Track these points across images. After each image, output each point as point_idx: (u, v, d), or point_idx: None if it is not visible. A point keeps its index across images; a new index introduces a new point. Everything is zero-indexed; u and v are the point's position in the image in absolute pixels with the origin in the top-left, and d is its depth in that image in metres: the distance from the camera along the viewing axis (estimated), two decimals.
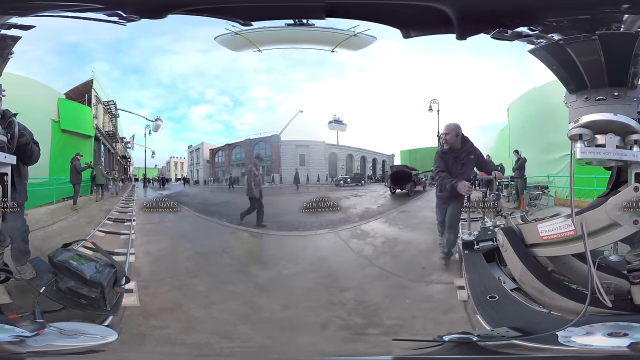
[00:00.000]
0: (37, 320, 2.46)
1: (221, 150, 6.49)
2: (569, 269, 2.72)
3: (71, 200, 5.02)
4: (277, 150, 6.08)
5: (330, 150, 6.27)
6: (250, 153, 6.17)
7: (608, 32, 2.36)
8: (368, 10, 2.90)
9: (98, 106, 5.76)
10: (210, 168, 6.56)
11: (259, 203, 4.83)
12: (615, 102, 2.40)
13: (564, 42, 2.41)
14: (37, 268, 3.03)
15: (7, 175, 2.61)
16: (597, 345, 2.10)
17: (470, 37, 2.82)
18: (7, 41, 2.71)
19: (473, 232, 3.59)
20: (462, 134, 3.79)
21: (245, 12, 2.94)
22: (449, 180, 3.63)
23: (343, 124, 5.82)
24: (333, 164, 6.33)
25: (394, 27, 2.92)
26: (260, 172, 5.11)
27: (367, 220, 4.99)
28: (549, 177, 4.90)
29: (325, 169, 6.19)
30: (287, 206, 5.09)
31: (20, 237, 2.97)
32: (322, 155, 6.20)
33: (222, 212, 5.06)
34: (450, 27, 2.69)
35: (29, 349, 2.21)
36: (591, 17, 2.42)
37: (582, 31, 2.36)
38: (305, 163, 6.11)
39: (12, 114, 2.70)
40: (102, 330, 2.57)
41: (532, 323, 2.35)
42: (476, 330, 2.53)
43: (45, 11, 2.74)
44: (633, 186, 2.31)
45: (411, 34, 2.90)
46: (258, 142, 6.14)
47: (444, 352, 2.26)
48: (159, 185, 6.57)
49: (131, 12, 2.72)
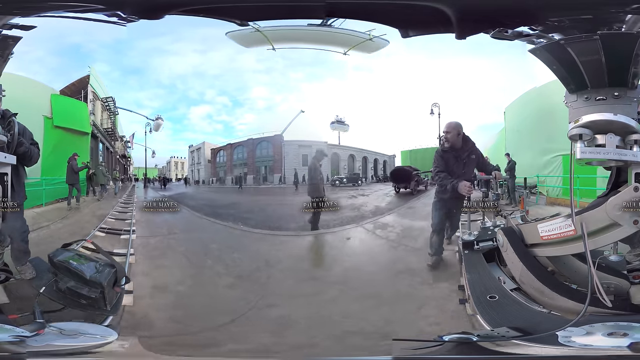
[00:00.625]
0: (37, 320, 2.45)
1: (223, 150, 6.42)
2: (569, 269, 2.72)
3: (65, 202, 4.86)
4: (280, 150, 6.05)
5: (333, 151, 6.29)
6: (253, 153, 6.14)
7: (609, 32, 2.35)
8: (368, 10, 2.90)
9: (96, 102, 5.56)
10: (212, 168, 6.49)
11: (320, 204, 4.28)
12: (616, 102, 2.40)
13: (565, 42, 2.40)
14: (37, 268, 3.03)
15: (7, 175, 2.61)
16: (597, 345, 2.09)
17: (470, 36, 2.82)
18: (8, 41, 2.71)
19: (473, 232, 3.58)
20: (463, 133, 3.73)
21: (245, 12, 2.94)
22: (449, 181, 3.57)
23: (345, 124, 5.82)
24: (335, 164, 6.34)
25: (393, 27, 2.92)
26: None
27: (380, 215, 5.08)
28: (539, 177, 5.06)
29: (327, 169, 6.20)
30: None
31: (20, 237, 2.97)
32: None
33: (247, 216, 4.67)
34: (449, 27, 2.68)
35: (29, 349, 2.21)
36: (592, 17, 2.41)
37: (583, 31, 2.36)
38: (308, 163, 6.12)
39: (12, 114, 2.70)
40: (102, 330, 2.57)
41: (532, 323, 2.34)
42: (476, 330, 2.53)
43: (45, 12, 2.74)
44: (633, 186, 2.31)
45: (410, 34, 2.89)
46: (261, 141, 6.12)
47: (444, 352, 2.26)
48: (160, 185, 6.42)
49: (130, 12, 2.72)
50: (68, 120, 5.05)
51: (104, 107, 5.84)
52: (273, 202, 5.37)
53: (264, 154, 6.20)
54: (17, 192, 2.81)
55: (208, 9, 2.77)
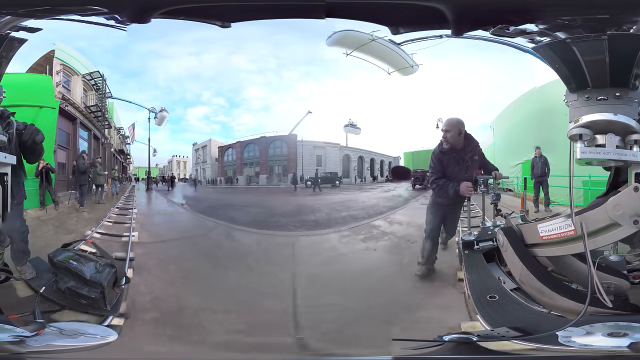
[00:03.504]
0: (37, 320, 2.46)
1: (231, 148, 6.13)
2: (569, 269, 2.72)
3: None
4: (294, 150, 5.95)
5: (344, 152, 6.40)
6: (266, 151, 5.96)
7: (618, 33, 2.33)
8: (368, 10, 2.90)
9: (73, 78, 4.69)
10: (219, 167, 6.20)
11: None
12: (616, 102, 2.39)
13: (571, 41, 2.39)
14: (37, 268, 3.03)
15: (7, 176, 2.61)
16: (597, 345, 2.09)
17: (468, 35, 2.82)
18: (14, 43, 2.71)
19: (473, 232, 3.58)
20: (465, 132, 3.39)
21: (245, 12, 2.94)
22: (450, 186, 3.31)
23: (357, 127, 5.89)
24: (346, 165, 6.45)
25: (393, 27, 2.92)
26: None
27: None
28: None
29: (340, 170, 6.28)
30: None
31: (20, 237, 2.97)
32: (337, 156, 6.33)
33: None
34: (448, 27, 2.69)
35: (29, 349, 2.20)
36: (600, 17, 2.40)
37: (589, 30, 2.34)
38: (322, 164, 6.13)
39: (9, 113, 2.70)
40: (102, 330, 2.58)
41: (532, 323, 2.34)
42: (476, 330, 2.53)
43: (48, 15, 2.74)
44: (633, 186, 2.31)
45: (411, 35, 2.91)
46: (274, 140, 5.99)
47: (444, 352, 2.26)
48: (168, 188, 5.73)
49: (127, 15, 2.73)
50: (21, 96, 4.06)
51: (87, 84, 4.93)
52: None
53: (278, 153, 6.05)
54: (17, 192, 2.81)
55: (206, 9, 2.77)
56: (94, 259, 3.01)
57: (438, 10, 2.57)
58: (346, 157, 6.44)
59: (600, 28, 2.33)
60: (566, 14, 2.48)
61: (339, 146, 6.20)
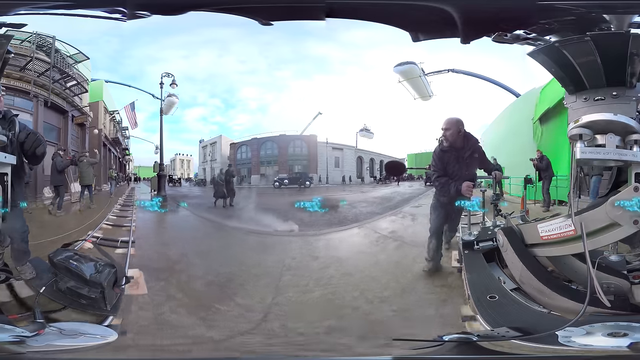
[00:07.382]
0: (37, 320, 2.46)
1: (246, 145, 5.78)
2: (569, 269, 2.72)
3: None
4: (314, 150, 5.88)
5: (358, 154, 6.57)
6: (285, 150, 5.70)
7: (600, 33, 2.36)
8: (367, 11, 2.91)
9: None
10: (232, 165, 5.79)
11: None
12: (614, 101, 2.41)
13: (559, 44, 2.41)
14: (37, 268, 3.03)
15: (7, 176, 2.61)
16: (597, 345, 2.09)
17: (474, 40, 2.83)
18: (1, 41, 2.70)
19: (473, 232, 3.58)
20: (464, 130, 3.45)
21: (245, 12, 2.94)
22: (452, 185, 3.37)
23: (371, 132, 6.00)
24: (359, 165, 6.64)
25: (393, 26, 2.92)
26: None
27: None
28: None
29: (354, 171, 6.44)
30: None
31: (20, 237, 2.97)
32: (353, 158, 6.50)
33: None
34: (447, 27, 2.70)
35: (29, 349, 2.20)
36: (584, 18, 2.43)
37: (576, 32, 2.37)
38: (339, 165, 6.20)
39: (12, 114, 2.70)
40: (102, 330, 2.57)
41: (532, 323, 2.35)
42: (476, 330, 2.53)
43: (43, 10, 2.74)
44: (633, 186, 2.31)
45: (420, 38, 2.92)
46: (294, 139, 5.78)
47: (444, 352, 2.26)
48: (223, 202, 4.93)
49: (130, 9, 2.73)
50: None
51: (41, 46, 3.53)
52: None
53: (297, 152, 5.88)
54: (17, 192, 2.81)
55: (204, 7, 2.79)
56: (94, 259, 3.01)
57: (438, 10, 2.58)
58: (359, 159, 6.64)
59: (582, 29, 2.35)
60: (551, 17, 2.51)
61: (354, 148, 6.37)
